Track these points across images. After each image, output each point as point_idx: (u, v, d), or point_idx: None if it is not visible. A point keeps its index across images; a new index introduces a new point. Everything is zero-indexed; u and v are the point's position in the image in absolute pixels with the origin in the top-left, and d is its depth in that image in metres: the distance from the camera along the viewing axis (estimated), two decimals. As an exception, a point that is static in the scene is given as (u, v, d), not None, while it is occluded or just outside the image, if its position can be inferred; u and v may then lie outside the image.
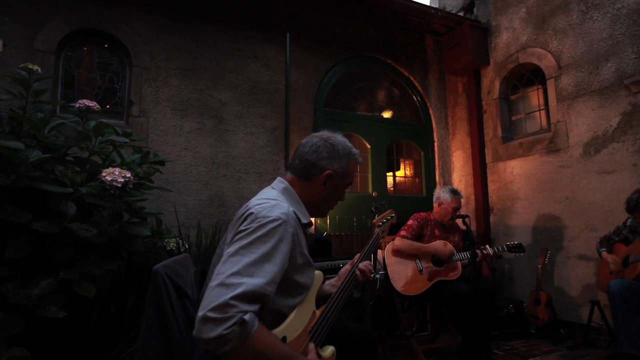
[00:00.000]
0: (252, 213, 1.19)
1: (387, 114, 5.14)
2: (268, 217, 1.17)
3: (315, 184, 1.39)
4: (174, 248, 2.73)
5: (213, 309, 1.00)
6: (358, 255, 1.66)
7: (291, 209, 1.27)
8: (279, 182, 1.40)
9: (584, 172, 3.86)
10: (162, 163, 2.48)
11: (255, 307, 1.07)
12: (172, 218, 3.42)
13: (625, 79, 3.57)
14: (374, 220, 1.84)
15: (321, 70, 4.54)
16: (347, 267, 1.63)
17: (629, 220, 3.20)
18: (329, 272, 3.21)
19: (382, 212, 1.89)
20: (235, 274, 1.06)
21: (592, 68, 3.83)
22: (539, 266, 3.78)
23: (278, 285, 1.15)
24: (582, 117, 3.90)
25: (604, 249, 3.31)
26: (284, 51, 4.27)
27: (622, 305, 2.85)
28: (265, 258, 1.12)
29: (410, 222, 3.27)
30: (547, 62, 4.23)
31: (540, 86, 4.49)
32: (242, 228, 1.17)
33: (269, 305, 1.13)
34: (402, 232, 3.18)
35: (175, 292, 1.27)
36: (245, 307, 1.03)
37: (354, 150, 1.46)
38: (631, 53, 3.56)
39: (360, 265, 1.61)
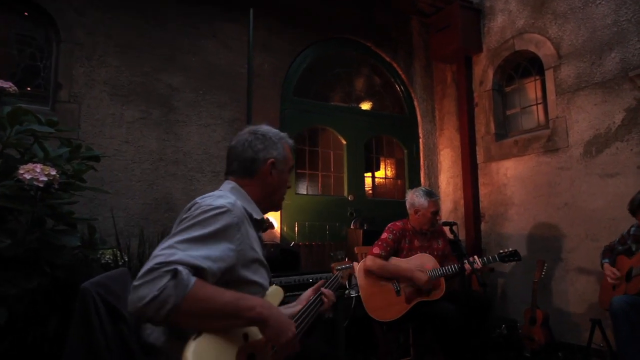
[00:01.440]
0: (196, 203, 1.32)
1: (366, 106, 5.15)
2: (212, 205, 1.29)
3: (262, 177, 1.54)
4: (110, 261, 2.68)
5: (141, 276, 1.09)
6: (322, 282, 1.76)
7: (239, 202, 1.39)
8: (226, 184, 1.54)
9: (585, 175, 3.98)
10: (96, 159, 2.41)
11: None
12: (108, 225, 3.35)
13: (630, 70, 3.70)
14: (332, 265, 2.04)
15: (290, 53, 4.52)
16: (309, 292, 1.71)
17: (633, 228, 3.31)
18: (297, 289, 3.15)
19: (339, 260, 2.09)
20: (167, 248, 1.16)
21: (595, 58, 3.95)
22: (535, 281, 3.86)
23: (226, 282, 1.23)
24: (583, 112, 4.02)
25: (606, 260, 3.40)
26: (246, 30, 4.20)
27: (624, 324, 2.92)
28: (203, 239, 1.21)
29: (384, 235, 3.25)
30: (545, 50, 4.35)
31: (537, 77, 4.61)
32: (185, 216, 1.28)
33: None
34: (375, 249, 3.17)
35: (109, 315, 1.26)
36: (177, 266, 1.11)
37: (282, 133, 1.65)
38: (637, 42, 3.69)
39: (325, 290, 1.69)
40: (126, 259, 2.92)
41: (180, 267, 1.11)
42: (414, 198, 3.30)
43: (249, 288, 1.34)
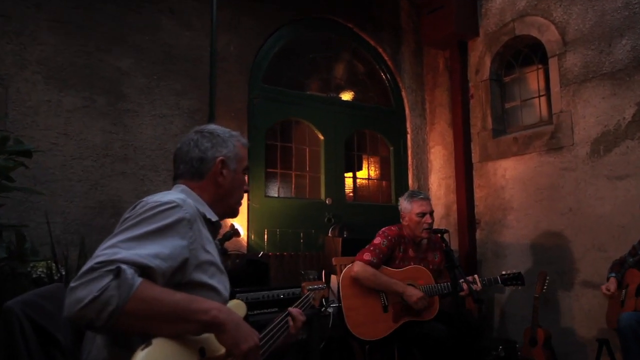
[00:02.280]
0: (142, 200, 1.36)
1: (347, 96, 5.14)
2: (159, 201, 1.33)
3: (212, 177, 1.58)
4: (43, 275, 2.68)
5: (79, 277, 1.11)
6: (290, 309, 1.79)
7: (190, 200, 1.43)
8: (176, 188, 1.58)
9: (592, 177, 4.04)
10: (28, 154, 2.41)
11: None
12: (42, 232, 3.25)
13: (642, 60, 3.79)
14: (304, 284, 2.09)
15: (260, 35, 4.49)
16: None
17: (644, 238, 3.39)
18: (266, 306, 3.18)
19: (311, 280, 2.10)
20: (109, 247, 1.18)
21: (604, 45, 4.02)
22: (536, 296, 3.91)
23: (177, 284, 1.27)
24: (590, 106, 4.09)
25: (613, 275, 3.47)
26: (209, 6, 4.18)
27: (634, 344, 2.98)
28: (150, 236, 1.24)
29: (377, 240, 3.25)
30: (549, 36, 4.40)
31: (540, 66, 4.66)
32: (128, 215, 1.32)
33: None
34: (366, 255, 3.15)
35: (38, 339, 1.27)
36: (120, 264, 1.13)
37: (234, 132, 1.69)
38: (649, 29, 3.78)
39: (293, 310, 1.74)
40: (63, 273, 2.89)
41: (124, 266, 1.13)
42: (401, 203, 3.36)
43: (204, 292, 1.35)
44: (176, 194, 1.43)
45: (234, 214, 1.67)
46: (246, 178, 1.71)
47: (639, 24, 3.82)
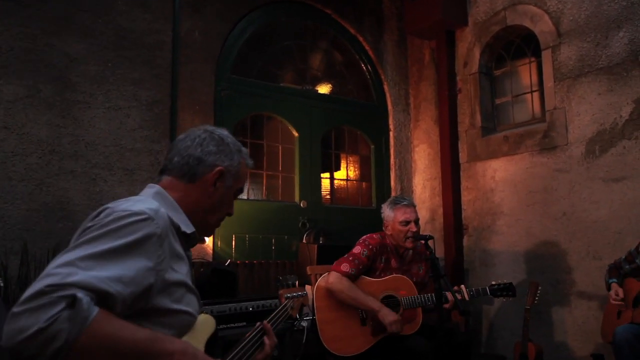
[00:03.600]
0: (108, 207, 1.30)
1: (324, 89, 5.11)
2: (128, 210, 1.27)
3: (202, 185, 1.52)
4: None
5: (24, 301, 1.04)
6: (259, 323, 1.73)
7: (163, 210, 1.37)
8: (148, 189, 1.51)
9: (587, 179, 4.07)
10: None
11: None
12: (-23, 238, 3.23)
13: (640, 54, 3.83)
14: (281, 291, 2.07)
15: (229, 19, 4.46)
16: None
17: (642, 244, 3.41)
18: (234, 320, 3.19)
19: (290, 287, 2.15)
20: (64, 265, 1.11)
21: (600, 37, 4.05)
22: (527, 307, 3.92)
23: (139, 312, 1.22)
24: (585, 103, 4.12)
25: (614, 280, 3.47)
26: (170, -15, 4.14)
27: (630, 359, 3.00)
28: (114, 254, 1.18)
29: (357, 249, 3.22)
30: (543, 26, 4.43)
31: (533, 59, 4.70)
32: (90, 224, 1.26)
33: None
34: (344, 266, 3.11)
35: None
36: (76, 291, 1.07)
37: (244, 149, 1.64)
38: (648, 20, 3.82)
39: (268, 325, 1.69)
40: (1, 284, 2.87)
41: (80, 293, 1.06)
42: (383, 210, 3.34)
43: (171, 319, 1.32)
44: (148, 202, 1.36)
45: (207, 234, 1.63)
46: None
47: (637, 15, 3.86)
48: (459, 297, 2.94)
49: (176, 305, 1.34)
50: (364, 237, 3.29)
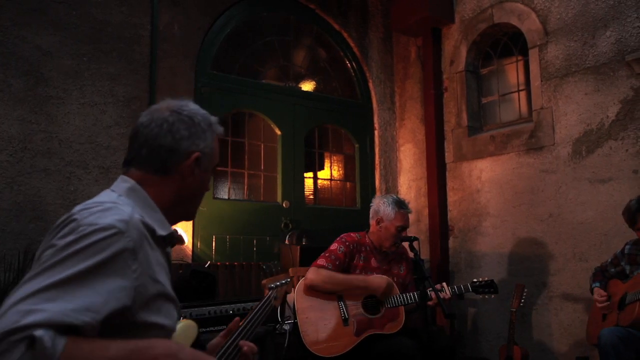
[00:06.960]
0: (74, 220, 1.20)
1: (307, 86, 5.11)
2: (95, 224, 1.18)
3: (179, 176, 1.42)
4: None
5: None
6: (237, 320, 1.68)
7: (137, 215, 1.28)
8: (121, 182, 1.42)
9: (573, 180, 4.13)
10: None
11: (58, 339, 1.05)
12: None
13: (627, 53, 3.87)
14: (264, 282, 2.04)
15: (209, 14, 4.45)
16: (219, 339, 1.65)
17: (627, 246, 3.47)
18: (213, 323, 3.17)
19: (273, 274, 2.06)
20: (24, 300, 1.05)
21: (587, 37, 4.11)
22: (513, 310, 3.96)
23: (117, 326, 1.15)
24: (572, 103, 4.18)
25: (597, 284, 3.53)
26: (149, -22, 4.12)
27: (615, 362, 3.05)
28: (80, 279, 1.11)
29: (333, 246, 3.26)
30: (530, 24, 4.48)
31: (520, 57, 4.75)
32: (55, 242, 1.17)
33: None
34: (320, 261, 3.16)
35: None
36: (34, 330, 1.01)
37: (212, 117, 1.53)
38: (636, 19, 3.87)
39: (242, 342, 1.62)
40: None
41: (38, 332, 1.00)
42: (381, 205, 3.31)
43: (148, 333, 1.26)
44: (117, 208, 1.27)
45: (191, 218, 1.55)
46: None
47: (624, 14, 3.92)
48: (441, 295, 2.99)
49: (155, 319, 1.29)
50: (342, 235, 3.32)
